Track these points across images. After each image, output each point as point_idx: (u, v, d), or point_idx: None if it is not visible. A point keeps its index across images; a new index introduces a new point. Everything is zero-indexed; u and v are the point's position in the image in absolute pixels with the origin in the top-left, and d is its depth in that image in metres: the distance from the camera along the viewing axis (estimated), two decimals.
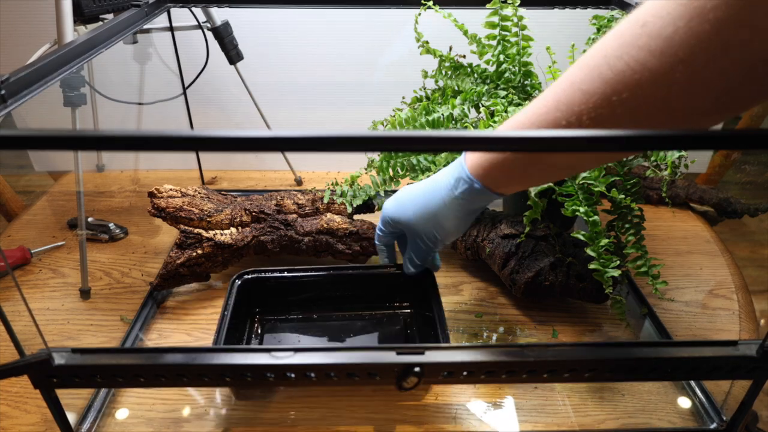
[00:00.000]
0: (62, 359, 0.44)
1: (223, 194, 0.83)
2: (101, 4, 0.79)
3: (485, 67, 0.83)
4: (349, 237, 0.79)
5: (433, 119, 0.77)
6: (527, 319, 0.75)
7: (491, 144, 0.32)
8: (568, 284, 0.73)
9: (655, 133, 0.28)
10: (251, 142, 0.29)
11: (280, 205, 0.81)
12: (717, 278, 0.83)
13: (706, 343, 0.46)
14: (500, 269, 0.77)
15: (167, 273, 0.75)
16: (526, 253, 0.74)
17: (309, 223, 0.79)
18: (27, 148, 0.29)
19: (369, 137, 0.29)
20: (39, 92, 0.52)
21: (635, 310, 0.77)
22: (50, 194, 1.05)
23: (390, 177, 0.80)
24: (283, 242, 0.78)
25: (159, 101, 1.03)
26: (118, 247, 0.89)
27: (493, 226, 0.79)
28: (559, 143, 0.29)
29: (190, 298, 0.78)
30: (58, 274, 0.83)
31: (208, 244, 0.75)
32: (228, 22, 0.94)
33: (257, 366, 0.45)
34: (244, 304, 0.69)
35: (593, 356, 0.46)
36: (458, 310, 0.76)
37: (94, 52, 0.62)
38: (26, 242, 0.89)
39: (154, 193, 0.78)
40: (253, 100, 1.01)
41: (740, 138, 0.29)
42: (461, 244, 0.81)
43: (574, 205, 0.68)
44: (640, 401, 0.63)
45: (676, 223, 0.97)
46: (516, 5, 0.76)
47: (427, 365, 0.45)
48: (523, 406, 0.62)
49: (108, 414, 0.61)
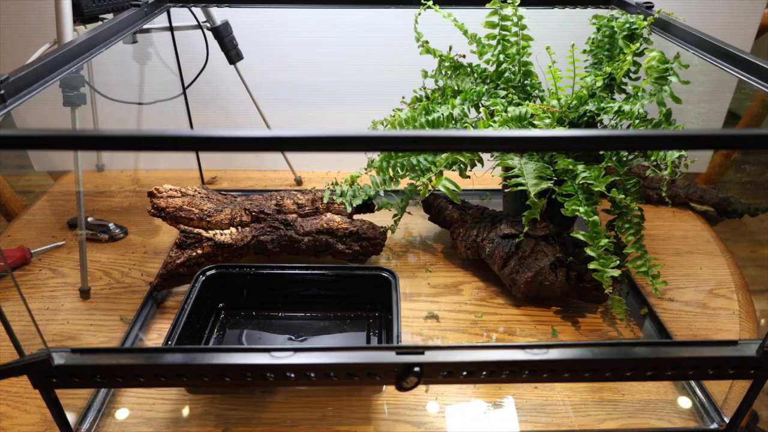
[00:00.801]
0: (62, 359, 0.44)
1: (223, 194, 0.83)
2: (101, 4, 0.79)
3: (485, 67, 0.83)
4: (349, 237, 0.79)
5: (433, 119, 0.77)
6: (527, 319, 0.75)
7: (491, 144, 0.32)
8: (568, 284, 0.73)
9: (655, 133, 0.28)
10: (251, 142, 0.29)
11: (280, 204, 0.81)
12: (717, 278, 0.83)
13: (706, 343, 0.46)
14: (500, 269, 0.77)
15: (167, 273, 0.75)
16: (526, 253, 0.74)
17: (309, 223, 0.79)
18: (27, 148, 0.29)
19: (369, 137, 0.29)
20: (39, 92, 0.52)
21: (635, 310, 0.77)
22: (50, 194, 1.05)
23: (390, 177, 0.80)
24: (283, 242, 0.78)
25: (159, 101, 1.03)
26: (118, 247, 0.89)
27: (493, 226, 0.79)
28: (559, 143, 0.29)
29: None
30: (58, 274, 0.83)
31: (208, 243, 0.75)
32: (228, 22, 0.94)
33: (257, 366, 0.45)
34: (208, 300, 0.70)
35: (593, 356, 0.46)
36: (458, 310, 0.76)
37: (94, 52, 0.62)
38: (26, 242, 0.89)
39: (153, 193, 0.78)
40: (253, 100, 1.01)
41: (740, 138, 0.29)
42: (461, 244, 0.81)
43: (574, 205, 0.68)
44: (640, 401, 0.63)
45: (676, 223, 0.97)
46: (516, 5, 0.76)
47: (427, 365, 0.45)
48: (523, 406, 0.62)
49: (108, 414, 0.61)
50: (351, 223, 0.79)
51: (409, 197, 0.83)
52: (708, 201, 0.98)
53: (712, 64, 0.61)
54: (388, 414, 0.62)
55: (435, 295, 0.79)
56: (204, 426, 0.60)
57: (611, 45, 0.79)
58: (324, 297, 0.73)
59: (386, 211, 0.87)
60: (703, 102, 1.10)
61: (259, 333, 0.70)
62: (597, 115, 0.75)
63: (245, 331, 0.70)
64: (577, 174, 0.70)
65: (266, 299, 0.73)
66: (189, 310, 0.64)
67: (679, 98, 0.67)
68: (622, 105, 0.72)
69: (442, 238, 0.92)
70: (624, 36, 0.76)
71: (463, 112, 0.78)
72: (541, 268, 0.72)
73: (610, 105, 0.73)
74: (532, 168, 0.71)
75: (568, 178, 0.72)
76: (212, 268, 0.71)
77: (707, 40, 0.62)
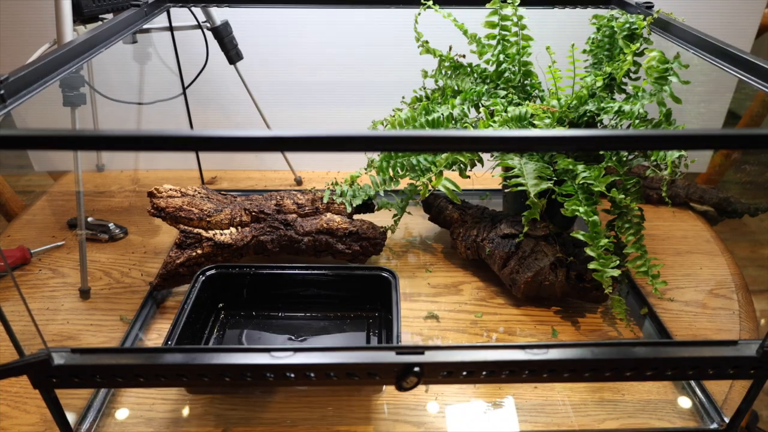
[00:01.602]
0: (62, 359, 0.44)
1: (223, 194, 0.83)
2: (101, 4, 0.79)
3: (485, 67, 0.83)
4: (348, 237, 0.79)
5: (433, 119, 0.77)
6: (527, 319, 0.75)
7: (491, 144, 0.32)
8: (568, 284, 0.73)
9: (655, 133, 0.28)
10: (251, 142, 0.29)
11: (279, 204, 0.81)
12: (717, 278, 0.83)
13: (706, 343, 0.46)
14: (500, 269, 0.77)
15: (167, 273, 0.75)
16: (526, 253, 0.74)
17: (309, 223, 0.79)
18: (27, 148, 0.29)
19: (369, 137, 0.29)
20: (38, 92, 0.52)
21: (635, 310, 0.77)
22: (50, 194, 1.05)
23: (390, 177, 0.80)
24: (283, 242, 0.78)
25: (159, 101, 1.03)
26: (118, 247, 0.89)
27: (493, 226, 0.79)
28: (559, 143, 0.29)
29: None
30: (58, 274, 0.83)
31: (208, 244, 0.75)
32: (228, 22, 0.94)
33: (257, 366, 0.45)
34: (208, 300, 0.70)
35: (593, 356, 0.46)
36: (458, 310, 0.76)
37: (94, 52, 0.62)
38: (26, 242, 0.89)
39: (153, 193, 0.78)
40: (253, 100, 1.01)
41: (740, 138, 0.29)
42: (461, 244, 0.81)
43: (573, 205, 0.68)
44: (640, 401, 0.63)
45: (676, 223, 0.97)
46: (516, 5, 0.76)
47: (427, 365, 0.45)
48: (523, 406, 0.62)
49: (108, 414, 0.61)
50: (351, 223, 0.79)
51: (409, 197, 0.83)
52: (708, 201, 0.98)
53: (712, 64, 0.61)
54: (388, 414, 0.62)
55: (435, 295, 0.79)
56: (204, 426, 0.60)
57: (611, 45, 0.79)
58: (324, 297, 0.73)
59: (386, 211, 0.87)
60: (703, 102, 1.11)
61: (259, 333, 0.70)
62: (597, 115, 0.75)
63: (245, 331, 0.70)
64: (577, 174, 0.70)
65: (266, 299, 0.73)
66: (189, 310, 0.64)
67: (679, 98, 0.67)
68: (622, 105, 0.72)
69: (442, 238, 0.92)
70: (624, 36, 0.76)
71: (463, 112, 0.78)
72: (541, 268, 0.72)
73: (610, 105, 0.73)
74: (532, 168, 0.71)
75: (568, 178, 0.72)
76: (212, 268, 0.71)
77: (707, 40, 0.62)
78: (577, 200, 0.69)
